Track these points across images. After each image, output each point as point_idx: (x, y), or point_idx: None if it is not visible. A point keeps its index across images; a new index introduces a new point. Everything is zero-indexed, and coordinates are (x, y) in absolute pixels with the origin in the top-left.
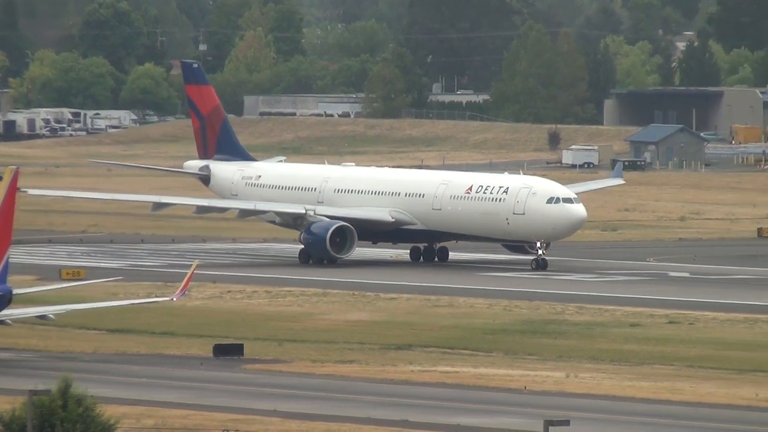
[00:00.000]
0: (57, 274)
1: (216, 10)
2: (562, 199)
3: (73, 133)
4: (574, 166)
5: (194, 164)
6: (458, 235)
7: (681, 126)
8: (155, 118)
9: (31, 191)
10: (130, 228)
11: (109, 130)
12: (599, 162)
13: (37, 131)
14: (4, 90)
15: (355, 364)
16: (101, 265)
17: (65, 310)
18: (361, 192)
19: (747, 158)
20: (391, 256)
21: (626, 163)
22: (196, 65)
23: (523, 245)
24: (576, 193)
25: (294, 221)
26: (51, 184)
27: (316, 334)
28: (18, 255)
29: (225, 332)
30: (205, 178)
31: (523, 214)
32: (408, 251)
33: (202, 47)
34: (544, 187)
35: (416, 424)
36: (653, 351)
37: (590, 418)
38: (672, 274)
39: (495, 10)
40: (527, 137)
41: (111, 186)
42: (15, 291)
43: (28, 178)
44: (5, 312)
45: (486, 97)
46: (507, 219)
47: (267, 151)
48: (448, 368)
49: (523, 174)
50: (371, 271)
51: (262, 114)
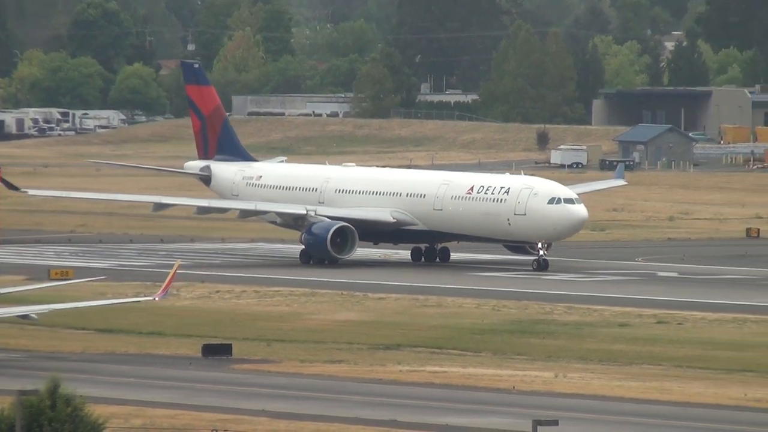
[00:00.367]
0: (46, 274)
1: (205, 10)
2: (564, 199)
3: (61, 133)
4: (562, 166)
5: (195, 164)
6: (459, 236)
7: (670, 126)
8: (144, 118)
9: (31, 192)
10: (118, 228)
11: (98, 130)
12: (588, 162)
13: (26, 131)
14: None
15: (343, 364)
16: (90, 265)
17: (48, 310)
18: (362, 192)
19: (736, 158)
20: (379, 256)
21: (615, 163)
22: (197, 65)
23: (524, 246)
24: (577, 194)
25: (295, 222)
26: (41, 184)
27: (304, 334)
28: (6, 255)
29: (214, 332)
30: (206, 179)
31: (525, 214)
32: (399, 251)
33: (191, 47)
34: (545, 187)
35: (405, 424)
36: (642, 351)
37: (579, 418)
38: (661, 274)
39: (484, 10)
40: (516, 137)
41: (100, 186)
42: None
43: (16, 177)
44: None
45: (475, 97)
46: (508, 219)
47: (255, 151)
48: (437, 368)
49: (524, 174)
50: (360, 271)
51: (250, 114)
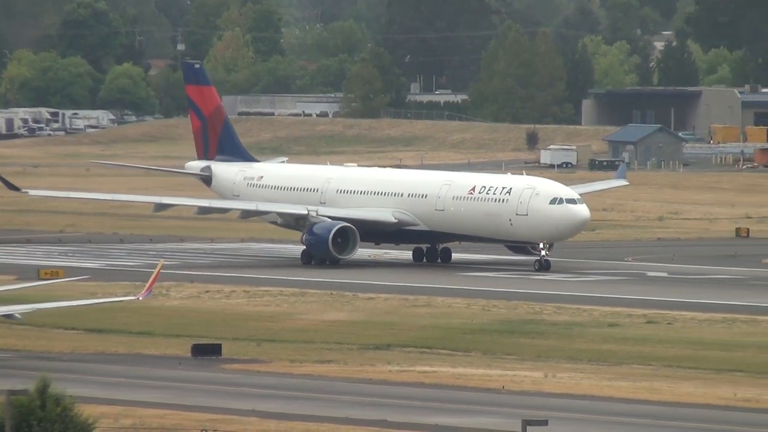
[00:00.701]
0: (35, 273)
1: (194, 10)
2: (565, 200)
3: (51, 132)
4: (552, 166)
5: (196, 165)
6: (461, 236)
7: (659, 126)
8: (133, 118)
9: (32, 192)
10: (108, 228)
11: (88, 130)
12: (578, 162)
13: (16, 131)
14: None
15: (333, 364)
16: (80, 264)
17: (32, 309)
18: (364, 193)
19: (725, 158)
20: (369, 256)
21: (605, 163)
22: (197, 65)
23: (525, 246)
24: (579, 194)
25: (296, 222)
26: (32, 184)
27: (294, 334)
28: None
29: (203, 332)
30: (206, 179)
31: (526, 215)
32: (390, 251)
33: (181, 47)
34: (547, 187)
35: (395, 424)
36: (632, 351)
37: (569, 417)
38: (650, 273)
39: (473, 9)
40: (505, 137)
41: (91, 185)
42: None
43: (7, 178)
44: None
45: (464, 96)
46: (510, 220)
47: None
48: (427, 368)
49: (525, 174)
50: (349, 271)
51: (240, 114)
